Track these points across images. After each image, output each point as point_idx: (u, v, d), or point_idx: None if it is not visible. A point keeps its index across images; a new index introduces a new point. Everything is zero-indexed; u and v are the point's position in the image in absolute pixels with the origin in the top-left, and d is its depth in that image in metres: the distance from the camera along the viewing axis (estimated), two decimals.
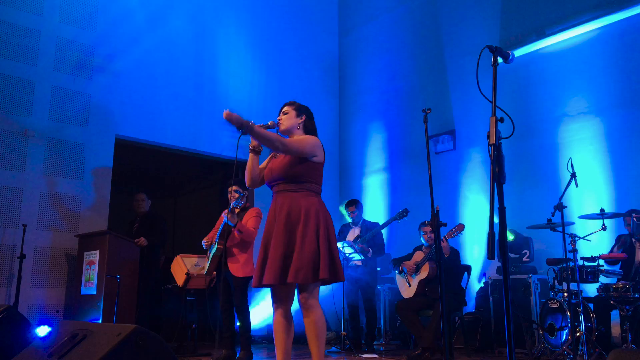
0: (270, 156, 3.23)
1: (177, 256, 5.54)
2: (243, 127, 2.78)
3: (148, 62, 6.81)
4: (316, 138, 3.10)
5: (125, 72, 6.59)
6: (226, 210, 4.63)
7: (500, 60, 2.16)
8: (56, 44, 6.11)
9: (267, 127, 3.02)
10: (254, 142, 3.04)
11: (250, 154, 3.10)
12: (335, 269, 2.91)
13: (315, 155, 3.01)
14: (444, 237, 4.96)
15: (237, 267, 4.75)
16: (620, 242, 4.76)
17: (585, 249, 4.99)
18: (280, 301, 3.00)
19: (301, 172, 2.99)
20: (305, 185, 3.00)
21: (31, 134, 5.78)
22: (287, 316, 3.01)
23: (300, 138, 3.05)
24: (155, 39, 6.92)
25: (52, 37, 6.09)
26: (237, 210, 4.86)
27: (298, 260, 2.83)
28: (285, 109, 3.21)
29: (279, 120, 3.16)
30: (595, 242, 4.87)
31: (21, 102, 5.79)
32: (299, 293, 2.95)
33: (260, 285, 2.94)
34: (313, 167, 3.02)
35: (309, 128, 3.19)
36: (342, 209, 7.30)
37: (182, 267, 5.38)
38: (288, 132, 3.14)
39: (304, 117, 3.18)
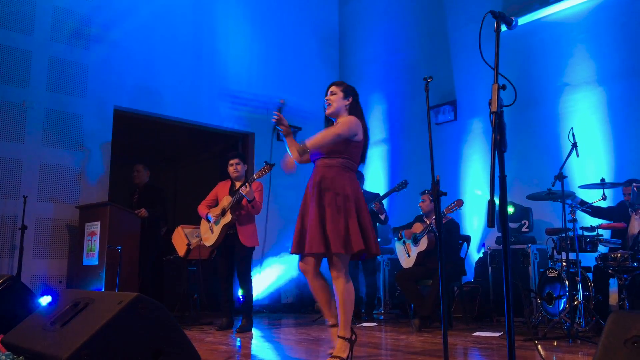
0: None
1: (178, 227, 5.56)
2: (305, 151, 3.05)
3: (146, 32, 6.71)
4: (356, 119, 3.16)
5: (123, 42, 6.50)
6: (247, 184, 4.69)
7: (503, 27, 2.12)
8: (52, 13, 6.02)
9: (280, 108, 3.18)
10: (283, 127, 3.16)
11: (286, 138, 3.21)
12: (367, 242, 2.97)
13: (356, 134, 3.12)
14: (443, 211, 4.97)
15: (246, 237, 4.88)
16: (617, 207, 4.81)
17: (585, 219, 5.01)
18: (309, 266, 3.09)
19: (339, 149, 3.08)
20: (341, 160, 3.09)
21: (29, 105, 5.74)
22: (319, 277, 3.12)
23: (343, 121, 3.11)
24: (153, 7, 6.81)
25: (48, 6, 6.00)
26: (228, 185, 5.07)
27: (330, 232, 2.93)
28: (332, 88, 3.26)
29: (328, 100, 3.22)
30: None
31: (18, 72, 5.73)
32: (328, 264, 3.05)
33: (300, 252, 3.05)
34: (351, 145, 3.12)
35: (355, 109, 3.27)
36: None
37: (183, 238, 5.41)
38: (335, 114, 3.23)
39: (350, 99, 3.26)
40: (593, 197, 4.63)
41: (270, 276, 7.14)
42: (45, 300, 3.67)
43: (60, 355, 1.92)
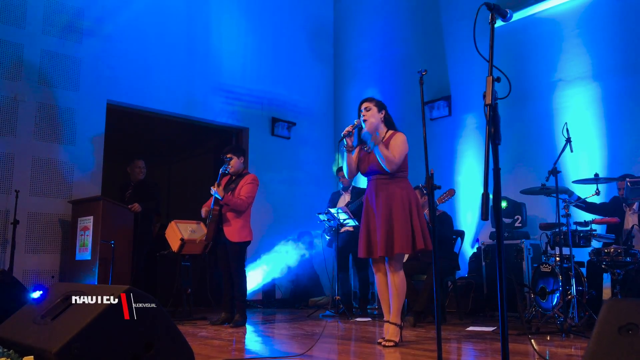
0: (359, 148, 3.66)
1: (172, 222, 5.53)
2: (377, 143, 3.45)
3: (139, 26, 6.67)
4: (404, 136, 3.58)
5: (116, 36, 6.46)
6: (216, 183, 4.63)
7: (499, 22, 2.10)
8: (44, 6, 5.96)
9: (354, 126, 3.52)
10: (349, 144, 3.54)
11: (347, 153, 3.59)
12: (425, 241, 3.45)
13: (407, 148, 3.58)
14: (436, 201, 4.97)
15: (232, 232, 4.76)
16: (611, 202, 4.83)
17: (579, 214, 5.02)
18: (383, 266, 3.58)
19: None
20: (397, 173, 3.52)
21: (21, 99, 5.69)
22: (386, 276, 3.59)
23: (399, 146, 3.50)
24: (146, 0, 6.76)
25: None
26: (225, 179, 4.88)
27: (399, 236, 3.38)
28: (366, 105, 3.60)
29: (364, 116, 3.56)
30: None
31: (10, 65, 5.68)
32: (387, 260, 3.52)
33: (369, 256, 3.56)
34: (404, 158, 3.56)
35: (389, 120, 3.67)
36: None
37: (177, 233, 5.38)
38: (374, 128, 3.58)
39: (384, 112, 3.64)
40: (587, 192, 4.64)
41: (263, 271, 7.13)
42: (36, 294, 3.65)
43: (50, 348, 1.90)
